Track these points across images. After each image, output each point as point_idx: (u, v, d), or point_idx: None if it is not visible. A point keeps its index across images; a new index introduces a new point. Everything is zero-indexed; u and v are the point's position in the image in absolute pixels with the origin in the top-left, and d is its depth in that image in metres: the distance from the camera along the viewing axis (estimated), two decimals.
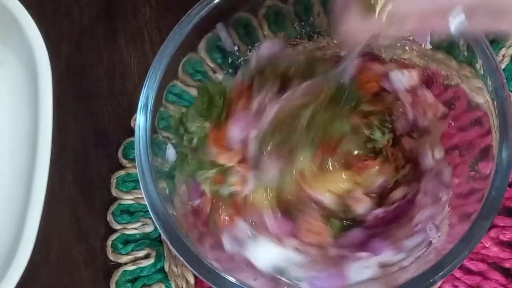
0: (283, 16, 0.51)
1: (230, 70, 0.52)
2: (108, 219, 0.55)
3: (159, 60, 0.46)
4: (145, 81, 0.47)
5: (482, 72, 0.45)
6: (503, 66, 0.55)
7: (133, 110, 0.57)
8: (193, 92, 0.52)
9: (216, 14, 0.48)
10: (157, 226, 0.44)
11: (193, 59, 0.50)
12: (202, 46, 0.50)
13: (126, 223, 0.55)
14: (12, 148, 0.54)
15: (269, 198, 0.49)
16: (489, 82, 0.45)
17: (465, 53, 0.46)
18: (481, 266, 0.52)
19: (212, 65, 0.52)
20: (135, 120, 0.56)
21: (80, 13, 0.60)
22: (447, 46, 0.48)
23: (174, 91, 0.50)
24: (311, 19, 0.51)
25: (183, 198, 0.49)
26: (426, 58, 0.50)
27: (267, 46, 0.51)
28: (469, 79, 0.47)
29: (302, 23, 0.51)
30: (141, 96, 0.46)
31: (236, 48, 0.51)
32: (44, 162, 0.50)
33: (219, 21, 0.49)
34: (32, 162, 0.50)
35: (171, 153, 0.49)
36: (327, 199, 0.50)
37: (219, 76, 0.53)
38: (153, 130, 0.46)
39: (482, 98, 0.46)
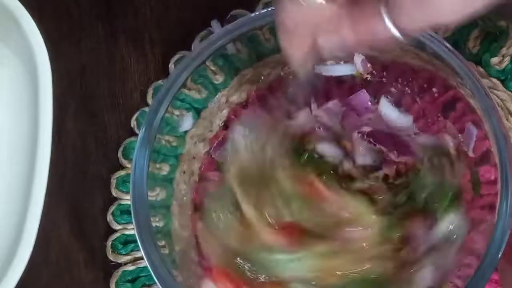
0: None
1: (231, 72, 0.53)
2: (108, 219, 0.55)
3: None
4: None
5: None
6: (503, 66, 0.55)
7: (133, 110, 0.57)
8: (195, 95, 0.52)
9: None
10: None
11: None
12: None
13: (126, 223, 0.55)
14: (12, 148, 0.54)
15: None
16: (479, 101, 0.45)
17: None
18: None
19: (213, 68, 0.52)
20: (135, 120, 0.57)
21: (80, 13, 0.59)
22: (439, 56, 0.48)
23: (177, 96, 0.50)
24: None
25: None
26: (423, 61, 0.50)
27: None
28: (464, 86, 0.47)
29: None
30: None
31: (237, 51, 0.51)
32: (44, 162, 0.50)
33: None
34: (32, 162, 0.50)
35: None
36: None
37: (220, 78, 0.53)
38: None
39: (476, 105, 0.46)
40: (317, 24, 0.37)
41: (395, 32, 0.35)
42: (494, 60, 0.55)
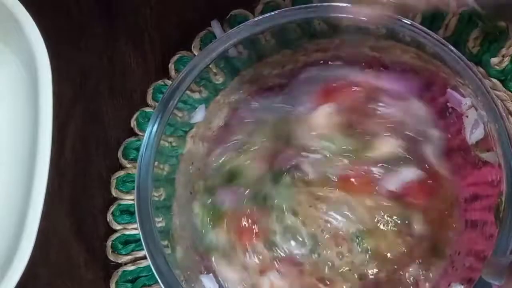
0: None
1: (231, 72, 0.53)
2: (108, 219, 0.55)
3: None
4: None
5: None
6: (503, 66, 0.55)
7: (133, 110, 0.57)
8: (196, 95, 0.52)
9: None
10: None
11: None
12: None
13: (126, 223, 0.55)
14: (12, 148, 0.54)
15: None
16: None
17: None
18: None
19: (215, 70, 0.52)
20: (135, 120, 0.57)
21: (80, 13, 0.59)
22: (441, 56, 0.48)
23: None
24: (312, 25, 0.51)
25: None
26: (424, 61, 0.50)
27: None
28: (464, 85, 0.47)
29: (303, 28, 0.51)
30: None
31: (238, 53, 0.51)
32: (44, 162, 0.50)
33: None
34: (32, 162, 0.50)
35: None
36: None
37: (220, 78, 0.53)
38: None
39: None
40: None
41: None
42: (494, 60, 0.55)
